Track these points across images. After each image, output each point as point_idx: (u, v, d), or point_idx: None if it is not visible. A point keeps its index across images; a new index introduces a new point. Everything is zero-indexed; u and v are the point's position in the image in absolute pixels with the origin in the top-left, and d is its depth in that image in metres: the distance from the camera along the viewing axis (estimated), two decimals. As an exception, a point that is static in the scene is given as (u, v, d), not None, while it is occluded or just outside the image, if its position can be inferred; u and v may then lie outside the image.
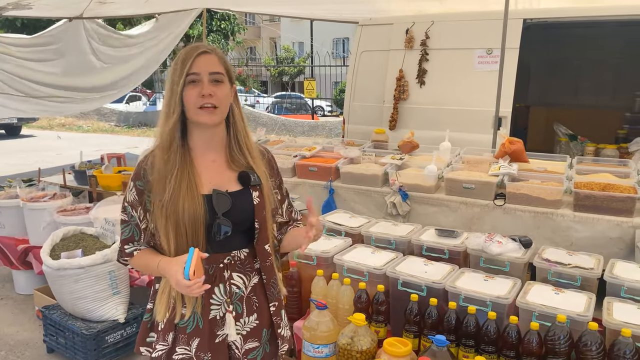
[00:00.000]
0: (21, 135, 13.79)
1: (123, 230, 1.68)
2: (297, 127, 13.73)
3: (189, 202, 1.56)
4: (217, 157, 1.69)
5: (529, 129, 6.66)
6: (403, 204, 3.76)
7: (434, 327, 2.15)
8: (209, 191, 1.61)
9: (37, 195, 3.95)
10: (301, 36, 24.81)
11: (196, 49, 1.59)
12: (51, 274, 3.04)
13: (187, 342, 1.64)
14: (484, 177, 3.55)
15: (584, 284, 2.24)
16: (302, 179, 4.20)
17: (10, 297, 4.19)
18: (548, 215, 3.24)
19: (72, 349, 3.08)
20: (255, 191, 1.68)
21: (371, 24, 5.99)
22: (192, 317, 1.63)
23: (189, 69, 1.55)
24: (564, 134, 5.66)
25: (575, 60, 6.63)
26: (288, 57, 27.28)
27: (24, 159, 10.32)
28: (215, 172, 1.67)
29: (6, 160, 10.39)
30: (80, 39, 6.29)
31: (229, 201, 1.61)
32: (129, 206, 1.65)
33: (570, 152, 5.29)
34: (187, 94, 1.57)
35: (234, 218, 1.61)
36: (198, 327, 1.64)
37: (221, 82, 1.60)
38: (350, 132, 6.12)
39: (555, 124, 5.83)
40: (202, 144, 1.67)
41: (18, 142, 13.10)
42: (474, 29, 5.23)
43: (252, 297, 1.72)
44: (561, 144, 5.64)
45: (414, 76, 5.59)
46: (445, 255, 2.58)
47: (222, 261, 1.65)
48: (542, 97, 6.90)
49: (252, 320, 1.72)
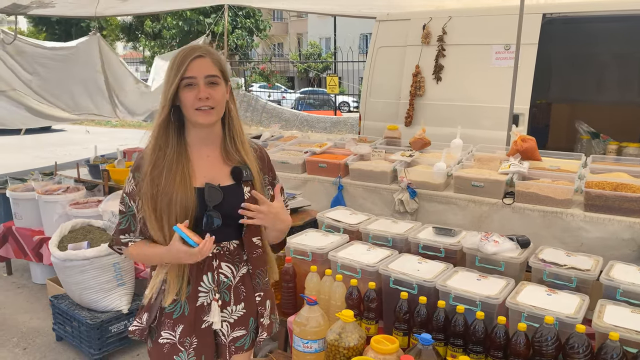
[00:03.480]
0: (52, 129, 14.19)
1: (120, 221, 1.74)
2: (319, 123, 13.69)
3: (181, 193, 1.62)
4: (212, 152, 1.75)
5: (550, 126, 6.50)
6: (411, 201, 3.72)
7: (422, 325, 2.12)
8: (201, 184, 1.67)
9: (51, 188, 4.06)
10: (328, 32, 24.78)
11: (191, 52, 1.64)
12: (58, 264, 3.12)
13: (172, 327, 1.70)
14: (493, 175, 3.48)
15: (580, 286, 2.17)
16: (312, 175, 4.20)
17: (27, 286, 4.33)
18: (558, 214, 3.16)
19: (78, 338, 3.16)
20: (247, 186, 1.73)
21: (388, 19, 5.94)
22: (178, 304, 1.69)
23: (183, 72, 1.61)
24: (586, 131, 5.50)
25: (599, 55, 6.42)
26: (314, 53, 27.29)
27: (53, 152, 10.64)
28: (209, 167, 1.73)
29: (37, 153, 10.73)
30: None
31: (220, 194, 1.67)
32: (127, 197, 1.72)
33: (592, 150, 5.14)
34: (185, 96, 1.63)
35: (225, 211, 1.67)
36: (184, 314, 1.70)
37: (217, 84, 1.66)
38: (367, 129, 6.09)
39: (576, 122, 5.66)
40: (199, 140, 1.73)
41: (49, 136, 13.50)
42: (492, 24, 5.13)
43: (240, 287, 1.78)
44: (582, 142, 5.48)
45: (431, 72, 5.51)
46: (442, 254, 2.54)
47: (212, 251, 1.69)
48: (564, 94, 6.70)
49: (239, 309, 1.77)
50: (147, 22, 21.15)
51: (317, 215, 3.10)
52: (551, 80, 6.79)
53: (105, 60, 6.39)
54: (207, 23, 16.30)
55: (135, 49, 26.27)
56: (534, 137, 3.86)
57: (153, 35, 20.24)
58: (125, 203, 1.72)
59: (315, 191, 4.18)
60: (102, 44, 6.38)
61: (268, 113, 14.56)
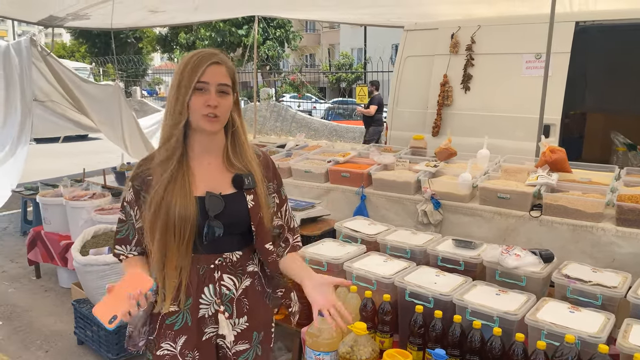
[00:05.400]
0: (89, 138, 14.58)
1: (119, 230, 1.71)
2: (348, 132, 13.66)
3: (180, 202, 1.57)
4: (214, 160, 1.70)
5: (585, 137, 6.28)
6: (435, 212, 3.64)
7: (438, 340, 2.05)
8: (202, 193, 1.62)
9: (79, 194, 4.14)
10: (359, 43, 24.81)
11: (209, 57, 1.60)
12: (80, 269, 3.17)
13: (174, 339, 1.65)
14: (519, 187, 3.38)
15: (605, 304, 2.06)
16: (335, 185, 4.16)
17: (54, 290, 4.42)
18: (587, 229, 3.03)
19: (98, 342, 3.20)
20: (250, 194, 1.68)
21: (416, 29, 5.89)
22: (181, 315, 1.65)
23: (200, 76, 1.57)
24: (622, 143, 5.29)
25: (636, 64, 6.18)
26: (346, 63, 27.36)
27: (88, 160, 10.90)
28: (210, 175, 1.68)
29: (73, 160, 11.03)
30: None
31: (221, 203, 1.62)
32: (127, 205, 1.68)
33: (629, 163, 4.94)
34: (194, 101, 1.59)
35: (226, 220, 1.62)
36: (187, 324, 1.65)
37: (227, 94, 1.63)
38: (393, 139, 6.03)
39: (612, 133, 5.46)
40: (201, 147, 1.68)
41: (86, 144, 13.87)
42: (523, 33, 5.02)
43: (243, 299, 1.72)
44: (618, 154, 5.27)
45: (459, 81, 5.44)
46: (461, 267, 2.46)
47: (213, 262, 1.65)
48: (599, 104, 6.43)
49: (242, 322, 1.72)
50: (181, 33, 21.67)
51: (335, 224, 3.06)
52: (586, 90, 6.57)
53: (123, 108, 6.64)
54: (240, 34, 16.58)
55: (170, 59, 26.96)
56: (567, 149, 3.73)
57: (187, 46, 20.70)
58: (126, 212, 1.68)
59: (338, 201, 4.14)
60: (122, 97, 6.66)
61: (297, 123, 14.64)
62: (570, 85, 4.75)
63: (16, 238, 5.92)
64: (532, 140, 4.62)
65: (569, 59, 4.71)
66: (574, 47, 4.71)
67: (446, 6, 5.66)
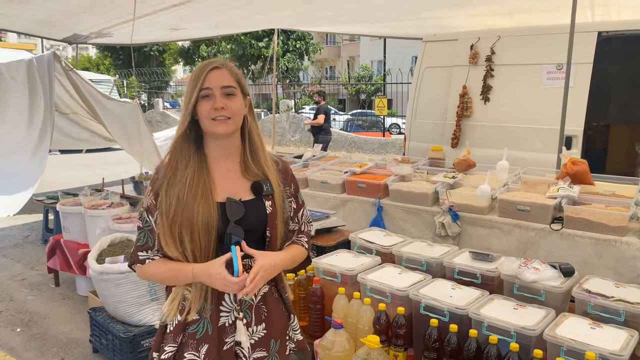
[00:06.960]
0: (112, 148, 14.81)
1: (138, 237, 1.71)
2: (367, 144, 13.62)
3: (203, 208, 1.59)
4: (232, 166, 1.72)
5: (609, 149, 6.15)
6: (453, 224, 3.58)
7: (452, 355, 1.99)
8: (222, 199, 1.64)
9: (97, 203, 4.19)
10: (379, 55, 24.81)
11: (208, 65, 1.65)
12: (95, 277, 3.19)
13: (196, 347, 1.64)
14: (540, 199, 3.30)
15: (629, 320, 1.98)
16: (351, 195, 4.14)
17: (72, 298, 4.46)
18: (611, 242, 2.95)
19: (112, 351, 3.20)
20: (268, 200, 1.69)
21: (435, 40, 5.87)
22: (202, 323, 1.64)
23: (201, 84, 1.61)
24: (647, 155, 5.17)
25: (662, 75, 6.06)
26: (366, 75, 27.40)
27: (110, 170, 11.06)
28: (229, 181, 1.69)
29: (95, 171, 11.19)
30: None
31: (242, 209, 1.63)
32: (144, 212, 1.69)
33: (654, 176, 4.82)
34: (202, 108, 1.62)
35: (246, 226, 1.63)
36: (207, 333, 1.64)
37: (233, 95, 1.64)
38: (412, 150, 5.98)
39: (637, 145, 5.34)
40: (218, 153, 1.70)
41: (109, 154, 14.04)
42: (543, 43, 4.96)
43: (262, 306, 1.72)
44: (643, 166, 5.16)
45: (478, 92, 5.39)
46: (478, 280, 2.40)
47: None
48: (624, 115, 6.34)
49: (260, 330, 1.71)
50: (203, 46, 21.96)
51: (350, 235, 3.02)
52: (610, 101, 6.45)
53: (141, 125, 6.77)
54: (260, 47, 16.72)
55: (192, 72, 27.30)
56: (590, 161, 3.65)
57: (208, 58, 20.95)
58: (143, 218, 1.68)
59: (355, 212, 4.11)
60: (140, 114, 6.78)
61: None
62: (593, 96, 4.66)
63: (37, 246, 6.00)
64: (552, 152, 4.54)
65: (591, 69, 4.62)
66: (597, 57, 4.63)
67: (465, 19, 5.64)
